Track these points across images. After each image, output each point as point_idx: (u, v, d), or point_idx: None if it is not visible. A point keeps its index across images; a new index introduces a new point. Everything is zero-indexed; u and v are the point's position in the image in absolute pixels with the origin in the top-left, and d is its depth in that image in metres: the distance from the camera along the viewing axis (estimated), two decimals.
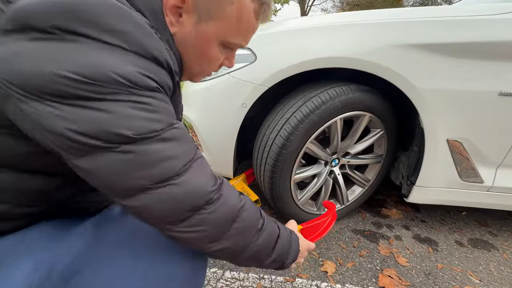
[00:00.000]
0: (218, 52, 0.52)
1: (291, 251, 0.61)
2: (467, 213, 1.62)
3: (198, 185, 0.44)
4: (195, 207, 0.44)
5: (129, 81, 0.36)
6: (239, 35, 0.51)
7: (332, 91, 1.06)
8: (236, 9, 0.47)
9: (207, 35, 0.49)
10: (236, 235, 0.50)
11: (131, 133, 0.37)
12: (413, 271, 1.14)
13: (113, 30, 0.36)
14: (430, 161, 1.16)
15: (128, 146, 0.37)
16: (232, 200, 0.49)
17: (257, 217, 0.54)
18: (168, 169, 0.41)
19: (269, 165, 1.11)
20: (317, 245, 1.25)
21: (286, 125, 1.06)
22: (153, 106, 0.40)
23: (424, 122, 1.09)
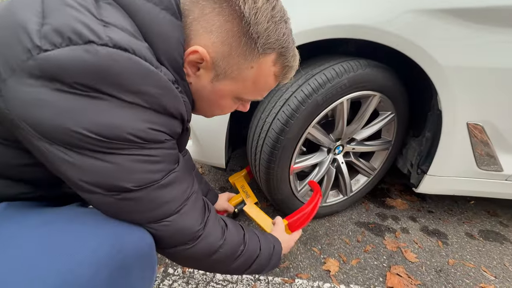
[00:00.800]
0: (231, 103, 0.54)
1: (270, 265, 0.71)
2: (475, 202, 1.52)
3: (187, 225, 0.49)
4: (179, 243, 0.49)
5: (141, 138, 0.39)
6: (254, 94, 0.53)
7: (339, 67, 0.90)
8: (254, 73, 0.48)
9: (222, 92, 0.50)
10: (211, 263, 0.57)
11: (132, 185, 0.40)
12: (423, 267, 1.04)
13: (137, 91, 0.37)
14: (445, 147, 1.04)
15: (128, 195, 0.41)
16: (214, 236, 0.55)
17: (237, 247, 0.60)
18: (163, 212, 0.46)
19: (265, 154, 0.97)
20: (318, 241, 1.14)
21: (285, 107, 0.91)
22: (158, 157, 0.43)
23: (443, 103, 0.95)
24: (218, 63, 0.46)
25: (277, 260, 0.73)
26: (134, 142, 0.39)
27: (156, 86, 0.39)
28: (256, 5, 0.43)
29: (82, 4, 0.36)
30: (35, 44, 0.32)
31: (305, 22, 0.82)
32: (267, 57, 0.47)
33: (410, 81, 1.07)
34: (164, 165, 0.44)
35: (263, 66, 0.48)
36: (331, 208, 1.26)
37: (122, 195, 0.41)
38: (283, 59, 0.49)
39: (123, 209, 0.42)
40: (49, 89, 0.33)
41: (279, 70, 0.50)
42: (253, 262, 0.64)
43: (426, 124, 1.13)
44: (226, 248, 0.57)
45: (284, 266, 0.99)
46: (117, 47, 0.35)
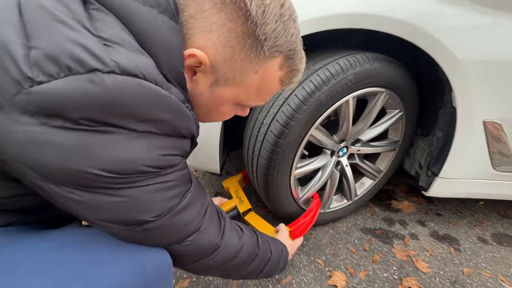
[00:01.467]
0: (231, 109, 0.50)
1: (278, 268, 0.71)
2: (484, 203, 1.45)
3: (208, 240, 0.49)
4: (201, 257, 0.50)
5: (157, 167, 0.37)
6: (256, 100, 0.48)
7: (344, 61, 0.81)
8: (259, 79, 0.44)
9: (221, 98, 0.46)
10: (229, 269, 0.57)
11: (151, 217, 0.39)
12: (437, 278, 0.96)
13: (150, 120, 0.34)
14: (459, 147, 0.95)
15: (147, 226, 0.39)
16: (232, 243, 0.55)
17: (252, 251, 0.60)
18: (183, 234, 0.45)
19: (263, 159, 0.87)
20: (323, 251, 1.05)
21: (285, 107, 0.81)
22: (174, 181, 0.40)
23: (458, 100, 0.87)
24: (218, 67, 0.41)
25: (285, 264, 0.74)
26: (150, 172, 0.36)
27: (169, 111, 0.36)
28: (264, 2, 0.38)
29: (73, 16, 0.30)
30: (26, 74, 0.27)
31: (306, 11, 0.72)
32: (273, 60, 0.43)
33: (420, 76, 0.98)
34: (180, 188, 0.42)
35: (269, 71, 0.43)
36: (335, 214, 1.18)
37: (142, 227, 0.39)
38: (290, 62, 0.44)
39: (143, 238, 0.41)
40: (49, 128, 0.29)
41: (285, 75, 0.46)
42: (265, 265, 0.65)
43: (437, 122, 1.04)
44: (243, 253, 0.57)
45: (287, 282, 0.91)
46: (125, 73, 0.31)
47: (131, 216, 0.37)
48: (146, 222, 0.39)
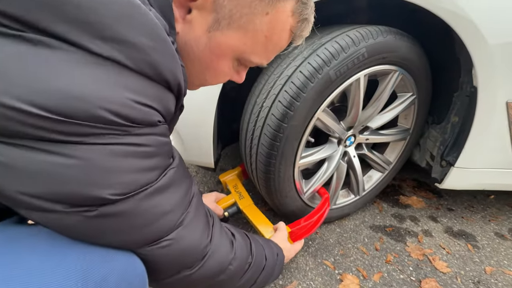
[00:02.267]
0: (230, 68, 0.40)
1: (273, 276, 0.62)
2: (495, 197, 1.37)
3: (193, 240, 0.38)
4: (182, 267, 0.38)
5: (125, 117, 0.25)
6: (262, 54, 0.39)
7: (355, 33, 0.71)
8: (268, 23, 0.35)
9: (222, 47, 0.36)
10: (217, 284, 0.46)
11: (114, 194, 0.26)
12: (458, 279, 0.86)
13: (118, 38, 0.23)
14: (479, 133, 0.86)
15: (108, 209, 0.27)
16: (223, 251, 0.44)
17: (246, 260, 0.51)
18: (161, 228, 0.33)
19: (264, 147, 0.76)
20: (330, 252, 0.94)
21: (288, 86, 0.70)
22: (151, 148, 0.29)
23: (480, 78, 0.78)
24: (221, 2, 0.32)
25: (280, 270, 0.65)
26: (113, 124, 0.25)
27: (148, 35, 0.25)
28: None
29: None
30: None
31: None
32: (285, 3, 0.36)
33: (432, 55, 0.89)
34: (159, 159, 0.31)
35: (280, 15, 0.36)
36: (342, 211, 1.07)
37: (99, 211, 0.27)
38: (302, 8, 0.38)
39: (99, 232, 0.28)
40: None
41: (296, 24, 0.39)
42: (259, 275, 0.56)
43: (451, 107, 0.96)
44: (236, 264, 0.46)
45: (292, 287, 0.79)
46: None
47: (82, 190, 0.25)
48: (105, 203, 0.27)
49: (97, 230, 0.28)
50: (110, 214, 0.28)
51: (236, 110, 1.12)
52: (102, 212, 0.27)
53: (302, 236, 0.84)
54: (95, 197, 0.26)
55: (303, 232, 0.84)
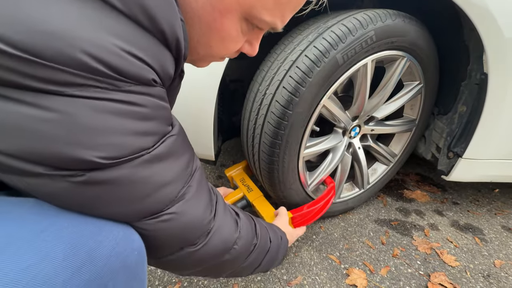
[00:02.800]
0: (237, 30, 0.33)
1: (277, 260, 0.60)
2: (500, 191, 1.35)
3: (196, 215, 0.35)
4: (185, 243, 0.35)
5: (112, 67, 0.21)
6: (274, 10, 0.31)
7: (363, 16, 0.68)
8: None
9: (227, 2, 0.30)
10: (221, 265, 0.44)
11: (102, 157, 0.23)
12: (467, 273, 0.84)
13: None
14: (489, 121, 0.84)
15: (98, 175, 0.23)
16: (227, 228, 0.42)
17: (251, 240, 0.49)
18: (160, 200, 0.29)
19: (268, 136, 0.73)
20: (335, 246, 0.91)
21: (293, 71, 0.67)
22: (145, 109, 0.25)
23: (491, 64, 0.75)
24: None
25: (284, 254, 0.63)
26: (98, 75, 0.21)
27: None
28: None
29: None
30: None
31: None
32: None
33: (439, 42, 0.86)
34: (155, 124, 0.27)
35: None
36: (346, 204, 1.04)
37: (88, 176, 0.23)
38: None
39: (88, 200, 0.25)
40: None
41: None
42: (264, 257, 0.54)
43: (459, 96, 0.93)
44: (241, 244, 0.44)
45: (297, 282, 0.76)
46: None
47: (64, 150, 0.21)
48: (94, 167, 0.23)
49: (87, 199, 0.25)
50: (101, 181, 0.24)
51: (236, 103, 1.08)
52: (92, 178, 0.24)
53: (304, 223, 0.82)
54: (80, 160, 0.23)
55: (306, 219, 0.82)
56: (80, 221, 0.25)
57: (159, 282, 0.74)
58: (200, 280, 0.75)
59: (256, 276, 0.77)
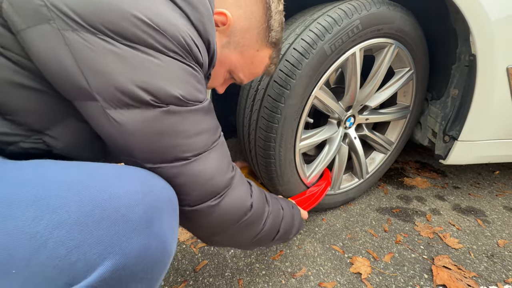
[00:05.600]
0: (223, 76, 0.55)
1: (295, 226, 0.65)
2: (500, 173, 1.35)
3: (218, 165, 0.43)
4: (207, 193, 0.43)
5: (189, 47, 0.37)
6: (245, 74, 0.55)
7: (347, 5, 0.69)
8: (256, 56, 0.53)
9: (225, 60, 0.51)
10: (241, 230, 0.50)
11: (181, 95, 0.37)
12: (471, 254, 0.84)
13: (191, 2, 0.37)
14: (481, 102, 0.84)
15: (176, 108, 0.37)
16: (243, 189, 0.49)
17: (263, 207, 0.54)
18: (197, 143, 0.40)
19: (262, 130, 0.74)
20: (338, 236, 0.91)
21: (282, 64, 0.68)
22: (199, 77, 0.40)
23: (478, 45, 0.76)
24: (235, 33, 0.48)
25: (300, 222, 0.69)
26: (183, 48, 0.36)
27: (205, 8, 0.39)
28: (278, 8, 0.50)
29: None
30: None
31: None
32: (268, 49, 0.54)
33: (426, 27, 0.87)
34: (203, 88, 0.41)
35: (263, 55, 0.54)
36: (346, 195, 1.05)
37: (170, 107, 0.36)
38: (275, 56, 0.56)
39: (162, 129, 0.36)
40: None
41: (268, 64, 0.57)
42: (280, 222, 0.59)
43: (450, 80, 0.94)
44: (256, 206, 0.51)
45: (301, 274, 0.76)
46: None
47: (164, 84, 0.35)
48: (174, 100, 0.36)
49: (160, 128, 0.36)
50: (174, 112, 0.36)
51: (231, 102, 1.09)
52: (171, 109, 0.36)
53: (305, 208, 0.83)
54: (171, 94, 0.35)
55: (307, 204, 0.84)
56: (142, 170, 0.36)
57: (165, 282, 0.74)
58: (205, 278, 0.75)
59: (261, 270, 0.78)
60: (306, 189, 0.90)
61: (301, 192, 0.87)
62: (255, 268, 0.78)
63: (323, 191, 0.89)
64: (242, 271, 0.77)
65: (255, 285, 0.73)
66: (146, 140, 0.36)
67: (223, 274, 0.76)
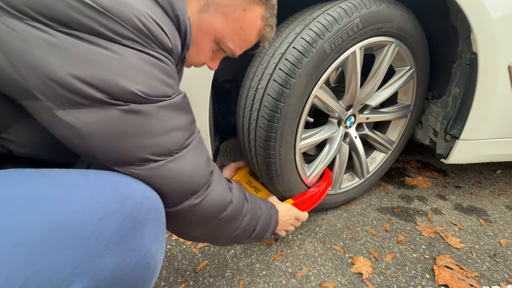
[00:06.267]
0: (209, 48, 0.48)
1: (271, 225, 0.64)
2: (502, 172, 1.35)
3: (196, 163, 0.41)
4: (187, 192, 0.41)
5: (150, 32, 0.32)
6: (235, 42, 0.48)
7: (347, 4, 0.68)
8: (244, 18, 0.46)
9: (207, 27, 0.45)
10: (221, 225, 0.49)
11: (141, 91, 0.32)
12: (473, 254, 0.83)
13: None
14: (482, 101, 0.84)
15: (138, 106, 0.32)
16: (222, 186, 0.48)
17: (243, 203, 0.53)
18: (171, 140, 0.37)
19: (262, 129, 0.73)
20: (339, 236, 0.91)
21: (282, 63, 0.68)
22: (167, 67, 0.35)
23: (480, 43, 0.75)
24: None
25: (277, 221, 0.67)
26: (141, 33, 0.31)
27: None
28: None
29: None
30: None
31: None
32: (259, 7, 0.46)
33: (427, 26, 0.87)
34: (174, 81, 0.37)
35: (253, 15, 0.46)
36: (347, 195, 1.04)
37: (131, 106, 0.32)
38: (269, 16, 0.49)
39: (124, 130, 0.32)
40: None
41: (263, 27, 0.49)
42: (257, 222, 0.58)
43: (451, 79, 0.93)
44: (235, 202, 0.50)
45: (302, 274, 0.76)
46: None
47: (119, 80, 0.30)
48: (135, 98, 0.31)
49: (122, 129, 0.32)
50: (137, 111, 0.32)
51: (231, 102, 1.09)
52: (133, 108, 0.31)
53: (305, 209, 0.83)
54: (127, 90, 0.30)
55: (307, 205, 0.84)
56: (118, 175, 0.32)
57: (165, 283, 0.74)
58: (205, 278, 0.75)
59: (261, 270, 0.77)
60: (306, 189, 0.90)
61: (302, 193, 0.87)
62: (255, 268, 0.78)
63: (323, 191, 0.88)
64: (243, 272, 0.77)
65: (256, 286, 0.73)
66: (108, 142, 0.32)
67: (223, 275, 0.76)
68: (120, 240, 0.27)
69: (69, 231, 0.25)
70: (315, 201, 0.86)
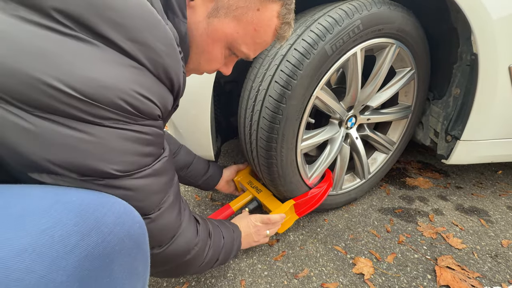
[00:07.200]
0: (221, 54, 0.46)
1: (233, 251, 0.65)
2: (503, 172, 1.34)
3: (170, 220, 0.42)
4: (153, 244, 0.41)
5: (134, 108, 0.31)
6: (250, 45, 0.45)
7: (348, 6, 0.69)
8: (258, 18, 0.42)
9: (217, 33, 0.42)
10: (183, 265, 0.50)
11: (117, 170, 0.32)
12: (475, 254, 0.83)
13: (141, 41, 0.30)
14: (483, 102, 0.84)
15: (109, 181, 0.32)
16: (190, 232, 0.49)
17: (206, 241, 0.55)
18: (148, 205, 0.38)
19: (264, 130, 0.74)
20: (340, 237, 0.91)
21: (283, 65, 0.68)
22: (150, 137, 0.35)
23: (480, 44, 0.76)
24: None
25: (239, 245, 0.68)
26: (125, 112, 0.30)
27: (163, 42, 0.32)
28: None
29: None
30: None
31: None
32: (274, 5, 0.42)
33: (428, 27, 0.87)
34: (154, 148, 0.37)
35: (268, 14, 0.42)
36: (348, 195, 1.04)
37: (106, 181, 0.31)
38: (286, 13, 0.45)
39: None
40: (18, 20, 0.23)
41: (280, 25, 0.45)
42: (220, 252, 0.59)
43: (452, 79, 0.94)
44: (200, 245, 0.51)
45: (304, 275, 0.76)
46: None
47: (93, 163, 0.29)
48: (108, 176, 0.31)
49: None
50: (114, 186, 0.32)
51: (233, 104, 1.10)
52: (108, 183, 0.32)
53: (307, 210, 0.85)
54: (102, 171, 0.30)
55: (308, 206, 0.85)
56: (86, 195, 0.29)
57: (167, 283, 0.74)
58: (207, 279, 0.75)
59: (263, 271, 0.77)
60: (308, 190, 0.90)
61: (303, 194, 0.87)
62: (257, 268, 0.78)
63: (324, 192, 0.89)
64: (244, 272, 0.77)
65: (257, 286, 0.73)
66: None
67: (225, 275, 0.76)
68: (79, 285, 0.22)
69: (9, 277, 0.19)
70: (316, 202, 0.87)
